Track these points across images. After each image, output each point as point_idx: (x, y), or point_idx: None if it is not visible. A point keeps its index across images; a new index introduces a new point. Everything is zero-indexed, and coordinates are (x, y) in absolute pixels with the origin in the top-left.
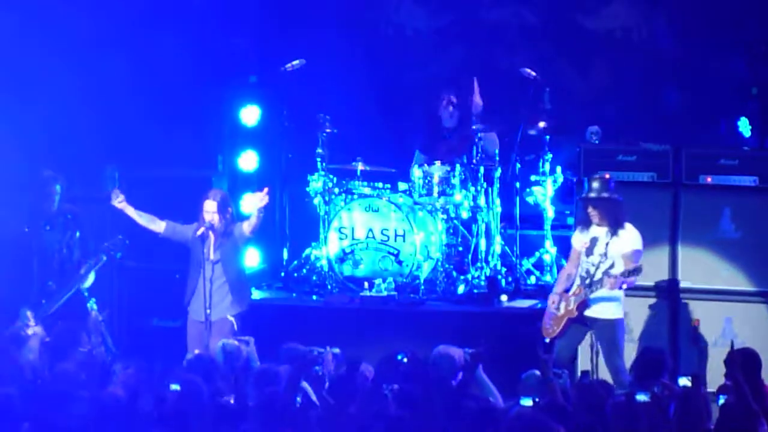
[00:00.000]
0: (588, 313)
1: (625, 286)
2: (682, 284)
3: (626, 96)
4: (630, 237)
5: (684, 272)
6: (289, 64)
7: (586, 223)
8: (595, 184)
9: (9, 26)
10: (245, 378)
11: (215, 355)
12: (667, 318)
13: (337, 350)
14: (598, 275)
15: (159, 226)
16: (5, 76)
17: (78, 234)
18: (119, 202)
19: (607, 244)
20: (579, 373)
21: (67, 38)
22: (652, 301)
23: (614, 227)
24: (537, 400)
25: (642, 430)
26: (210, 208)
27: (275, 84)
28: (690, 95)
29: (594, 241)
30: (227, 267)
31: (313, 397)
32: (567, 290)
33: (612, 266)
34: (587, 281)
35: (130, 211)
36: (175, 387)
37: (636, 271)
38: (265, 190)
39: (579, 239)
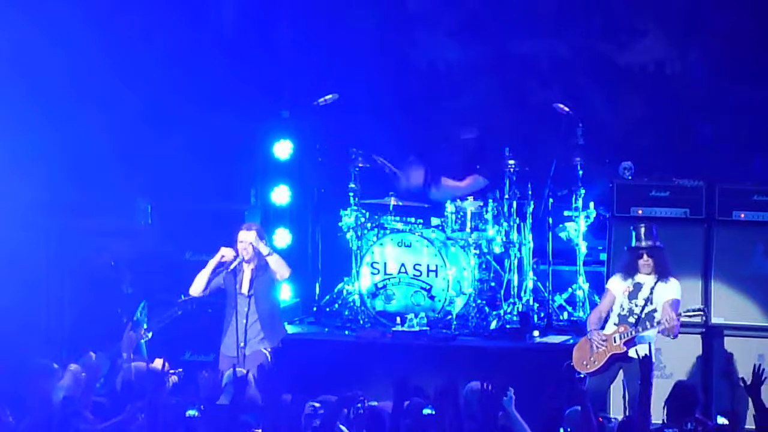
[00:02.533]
0: (631, 352)
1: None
2: (715, 320)
3: (659, 131)
4: (674, 286)
5: (717, 308)
6: (321, 99)
7: (632, 271)
8: (647, 232)
9: (44, 58)
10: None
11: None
12: (700, 354)
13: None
14: (642, 315)
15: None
16: (40, 109)
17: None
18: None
19: (652, 289)
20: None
21: (102, 71)
22: (685, 336)
23: (664, 276)
24: None
25: None
26: (245, 238)
27: (308, 118)
28: (724, 130)
29: (638, 286)
30: (260, 301)
31: None
32: (601, 328)
33: (654, 311)
34: (630, 319)
35: None
36: (191, 413)
37: (699, 311)
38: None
39: (620, 285)
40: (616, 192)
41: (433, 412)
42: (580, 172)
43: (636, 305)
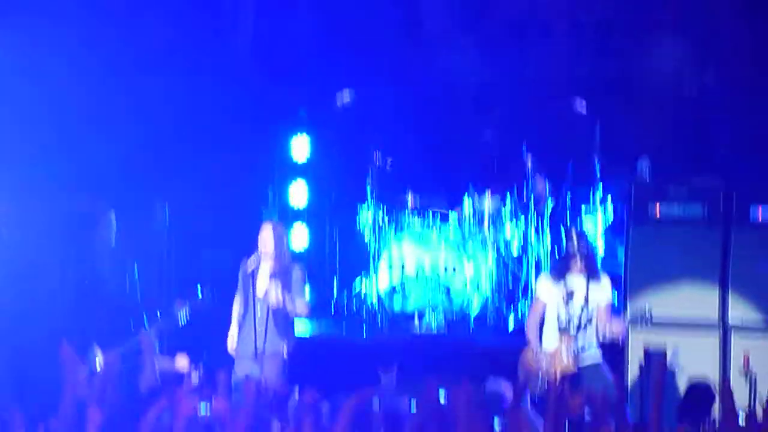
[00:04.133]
0: (580, 363)
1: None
2: (732, 320)
3: (678, 129)
4: (607, 287)
5: (734, 308)
6: (341, 100)
7: (561, 274)
8: (578, 237)
9: (59, 60)
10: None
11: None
12: (716, 354)
13: None
14: (582, 323)
15: None
16: (57, 110)
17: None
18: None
19: (586, 294)
20: None
21: (116, 72)
22: (702, 337)
23: (593, 278)
24: None
25: None
26: (265, 231)
27: (325, 117)
28: (742, 129)
29: (571, 293)
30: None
31: None
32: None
33: (591, 316)
34: (570, 331)
35: None
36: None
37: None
38: None
39: (553, 291)
40: (634, 190)
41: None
42: (598, 171)
43: (573, 314)
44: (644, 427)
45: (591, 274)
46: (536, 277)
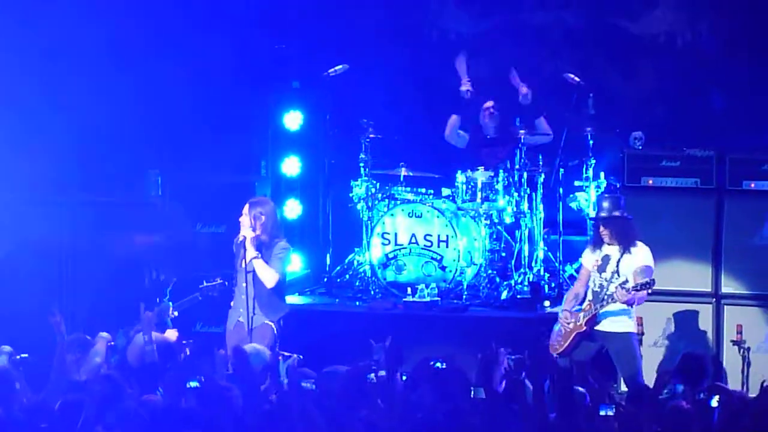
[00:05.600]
0: (598, 328)
1: (635, 301)
2: (725, 290)
3: (670, 101)
4: (641, 254)
5: (727, 278)
6: (332, 69)
7: (598, 243)
8: (606, 204)
9: (57, 29)
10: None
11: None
12: (709, 324)
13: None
14: (611, 290)
15: None
16: (53, 79)
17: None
18: None
19: (618, 261)
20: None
21: (113, 43)
22: (695, 306)
23: (626, 245)
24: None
25: None
26: (242, 218)
27: (318, 89)
28: (735, 100)
29: (606, 259)
30: (257, 279)
31: None
32: (580, 304)
33: (625, 282)
34: (601, 295)
35: None
36: (192, 384)
37: (647, 285)
38: None
39: (590, 258)
40: (627, 162)
41: (444, 366)
42: (591, 142)
43: (605, 279)
44: (639, 396)
45: (624, 243)
46: (529, 247)
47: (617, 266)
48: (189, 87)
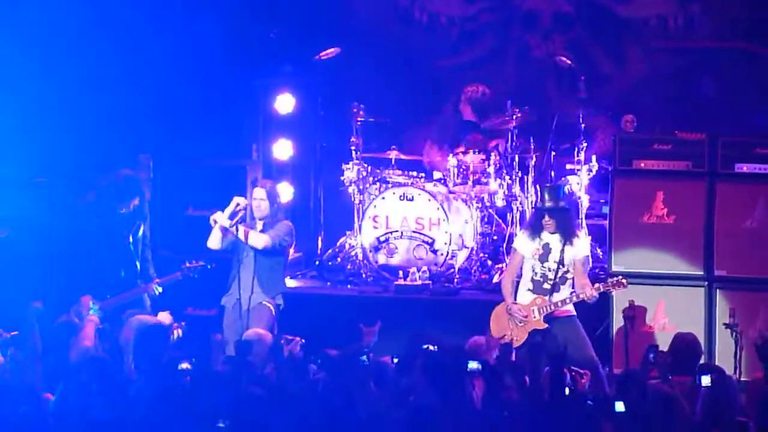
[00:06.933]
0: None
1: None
2: (717, 273)
3: (662, 84)
4: (583, 244)
5: (719, 261)
6: (323, 53)
7: (537, 231)
8: (551, 194)
9: (48, 12)
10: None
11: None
12: (702, 306)
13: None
14: (557, 280)
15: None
16: (41, 64)
17: (142, 230)
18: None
19: (561, 251)
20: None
21: (104, 27)
22: (687, 289)
23: (569, 235)
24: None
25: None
26: (258, 195)
27: (310, 73)
28: (726, 84)
29: (547, 247)
30: (261, 255)
31: None
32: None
33: (567, 272)
34: (545, 285)
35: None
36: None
37: (620, 284)
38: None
39: (528, 246)
40: (618, 145)
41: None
42: (583, 126)
43: (549, 269)
44: (626, 379)
45: (565, 232)
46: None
47: (561, 256)
48: (180, 71)
